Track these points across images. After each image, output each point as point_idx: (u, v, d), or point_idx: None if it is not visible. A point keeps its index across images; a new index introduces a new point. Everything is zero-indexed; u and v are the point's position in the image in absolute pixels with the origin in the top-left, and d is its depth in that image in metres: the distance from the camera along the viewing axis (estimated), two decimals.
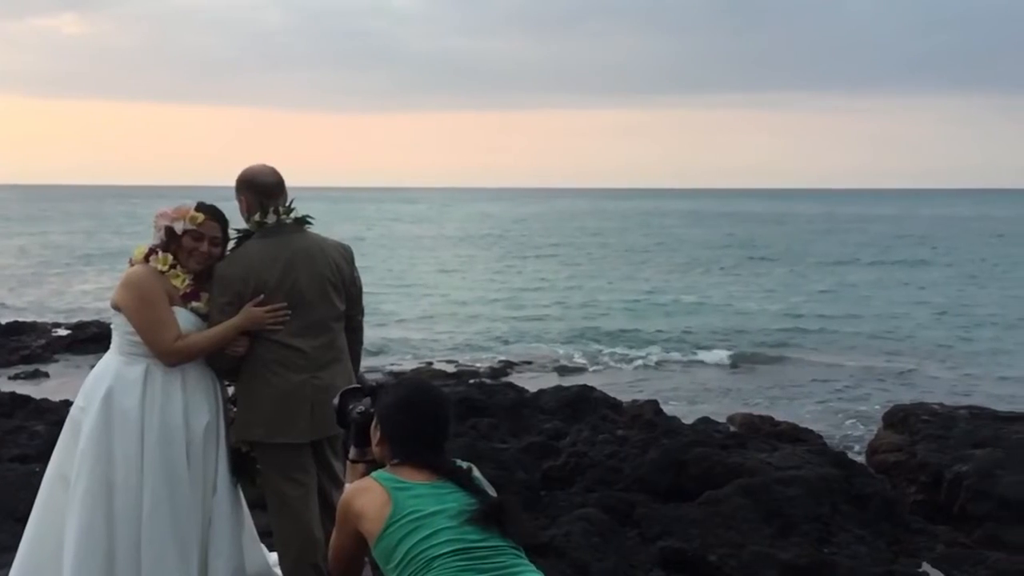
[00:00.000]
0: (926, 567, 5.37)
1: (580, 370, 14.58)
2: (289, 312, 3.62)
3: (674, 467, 6.43)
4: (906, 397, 11.01)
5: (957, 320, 20.36)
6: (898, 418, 8.38)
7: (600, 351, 16.33)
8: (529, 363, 15.11)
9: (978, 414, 8.29)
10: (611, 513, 5.68)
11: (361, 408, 2.67)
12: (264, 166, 3.78)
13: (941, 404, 8.96)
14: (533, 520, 5.66)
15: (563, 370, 14.55)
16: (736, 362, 15.27)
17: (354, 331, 3.95)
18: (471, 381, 11.19)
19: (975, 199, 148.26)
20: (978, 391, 12.76)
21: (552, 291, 25.95)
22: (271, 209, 3.67)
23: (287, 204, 3.74)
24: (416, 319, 20.27)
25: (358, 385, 2.74)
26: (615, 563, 5.07)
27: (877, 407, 10.35)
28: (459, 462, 2.50)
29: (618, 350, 16.40)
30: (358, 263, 3.94)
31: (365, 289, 4.02)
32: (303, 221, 3.77)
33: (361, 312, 3.99)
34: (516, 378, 12.77)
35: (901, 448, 7.74)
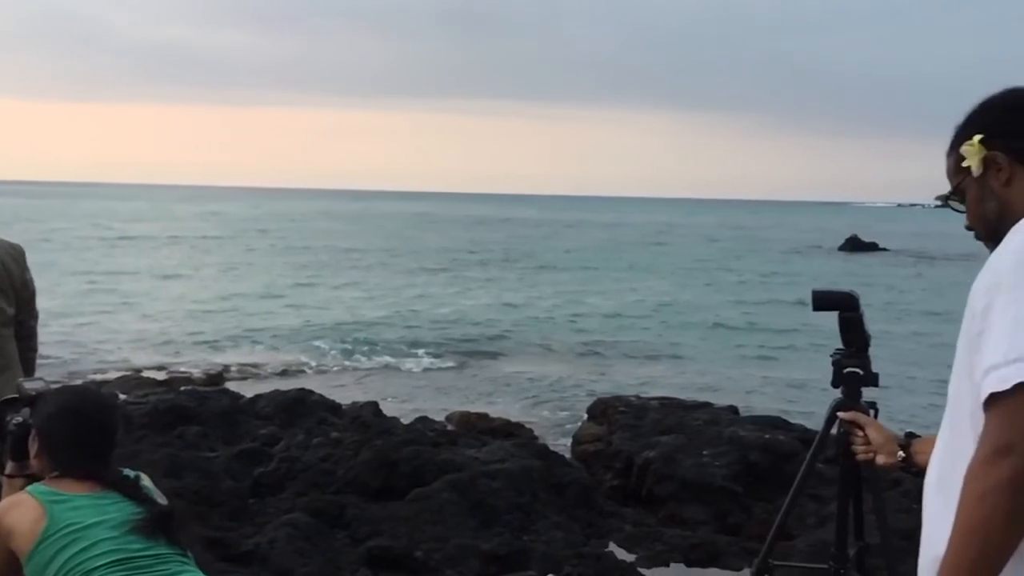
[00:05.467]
0: (612, 547, 5.83)
1: (302, 374, 14.34)
2: None
3: (386, 467, 6.50)
4: (610, 391, 11.81)
5: (662, 319, 22.14)
6: (599, 410, 9.00)
7: (324, 354, 16.15)
8: (251, 366, 14.66)
9: (667, 404, 9.07)
10: (320, 516, 5.66)
11: (19, 419, 2.50)
12: None
13: (637, 396, 9.73)
14: (239, 529, 5.51)
15: (284, 374, 14.22)
16: (458, 362, 15.69)
17: (27, 338, 3.69)
18: (182, 388, 10.65)
19: (680, 208, 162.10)
20: (669, 382, 13.96)
21: (277, 295, 25.29)
22: None
23: None
24: (125, 324, 18.96)
25: (15, 395, 2.55)
26: (320, 566, 5.06)
27: (584, 400, 11.03)
28: (126, 471, 2.40)
29: (342, 352, 16.31)
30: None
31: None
32: None
33: (34, 317, 3.72)
34: (233, 384, 12.33)
35: (600, 438, 8.32)
